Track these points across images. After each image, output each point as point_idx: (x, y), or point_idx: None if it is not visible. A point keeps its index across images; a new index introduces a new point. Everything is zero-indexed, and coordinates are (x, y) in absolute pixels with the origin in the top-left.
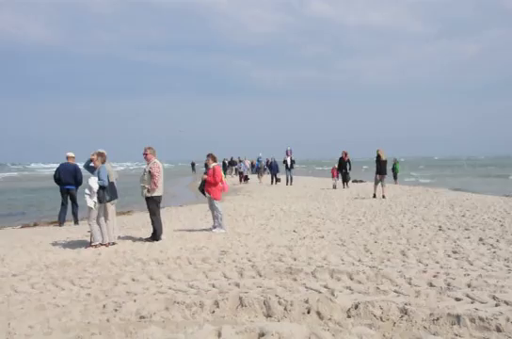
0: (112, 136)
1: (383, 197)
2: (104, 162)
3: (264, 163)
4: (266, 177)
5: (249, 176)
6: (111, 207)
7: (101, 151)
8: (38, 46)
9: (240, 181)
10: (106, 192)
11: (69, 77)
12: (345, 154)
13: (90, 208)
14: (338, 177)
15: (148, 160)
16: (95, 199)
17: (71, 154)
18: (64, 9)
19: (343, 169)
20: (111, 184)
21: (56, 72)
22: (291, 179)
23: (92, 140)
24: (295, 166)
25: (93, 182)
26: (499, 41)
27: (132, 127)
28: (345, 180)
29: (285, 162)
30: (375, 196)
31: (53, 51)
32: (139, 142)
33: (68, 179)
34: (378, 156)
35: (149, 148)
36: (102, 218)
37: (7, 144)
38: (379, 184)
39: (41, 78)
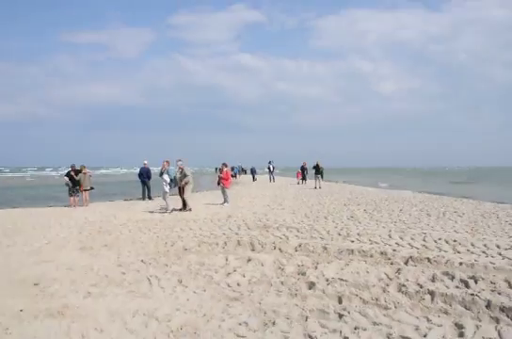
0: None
1: (319, 188)
2: (168, 165)
3: (236, 170)
4: (244, 177)
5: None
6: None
7: (166, 160)
8: (129, 105)
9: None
10: (172, 182)
11: (145, 122)
12: (305, 164)
13: (165, 192)
14: (300, 177)
15: (180, 168)
16: (167, 186)
17: (146, 162)
18: (141, 84)
19: (303, 172)
20: (174, 178)
21: (136, 119)
22: (273, 178)
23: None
24: (275, 171)
25: (166, 177)
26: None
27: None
28: (304, 179)
29: (269, 168)
30: (315, 188)
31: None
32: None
33: (144, 175)
34: (317, 165)
35: (178, 160)
36: (168, 197)
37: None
38: (317, 180)
39: (127, 123)
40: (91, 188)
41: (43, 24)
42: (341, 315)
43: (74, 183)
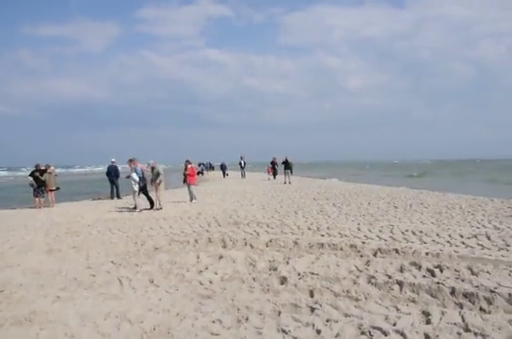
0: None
1: (289, 183)
2: (136, 164)
3: (203, 166)
4: (214, 173)
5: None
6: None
7: (131, 158)
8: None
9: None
10: (140, 181)
11: (112, 118)
12: (274, 159)
13: (135, 190)
14: (271, 173)
15: (152, 167)
16: (136, 185)
17: (114, 160)
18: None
19: (274, 167)
20: (142, 176)
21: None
22: (244, 174)
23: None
24: (246, 166)
25: (135, 176)
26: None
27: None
28: (275, 174)
29: (240, 164)
30: (285, 183)
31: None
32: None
33: (113, 173)
34: (286, 160)
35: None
36: (137, 195)
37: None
38: (286, 175)
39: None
40: (57, 188)
41: (2, 15)
42: (313, 309)
43: (39, 183)
